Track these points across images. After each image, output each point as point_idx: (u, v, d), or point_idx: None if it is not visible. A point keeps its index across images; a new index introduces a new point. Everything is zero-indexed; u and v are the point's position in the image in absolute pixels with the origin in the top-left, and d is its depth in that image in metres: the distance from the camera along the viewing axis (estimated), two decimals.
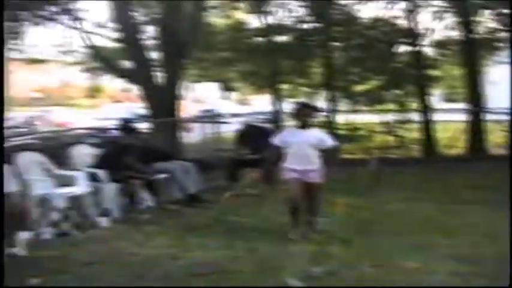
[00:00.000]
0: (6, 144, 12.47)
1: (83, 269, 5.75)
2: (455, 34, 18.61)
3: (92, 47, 14.50)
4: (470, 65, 16.94)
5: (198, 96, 38.13)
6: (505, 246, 5.78)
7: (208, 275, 5.43)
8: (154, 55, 15.64)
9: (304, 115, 6.83)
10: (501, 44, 19.31)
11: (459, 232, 6.75)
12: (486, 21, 19.50)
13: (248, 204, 8.42)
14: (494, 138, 16.46)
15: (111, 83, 42.95)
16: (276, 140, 6.94)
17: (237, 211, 8.13)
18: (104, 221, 7.87)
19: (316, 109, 7.46)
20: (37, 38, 16.53)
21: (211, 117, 17.28)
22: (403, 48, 19.03)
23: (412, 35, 17.43)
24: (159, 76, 13.71)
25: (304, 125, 6.79)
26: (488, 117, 16.33)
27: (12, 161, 7.73)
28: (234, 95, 51.57)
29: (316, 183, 6.74)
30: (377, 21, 18.64)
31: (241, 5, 20.59)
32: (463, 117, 16.09)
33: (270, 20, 19.11)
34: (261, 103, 37.00)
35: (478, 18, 18.66)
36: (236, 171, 10.14)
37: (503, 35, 18.60)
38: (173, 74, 13.58)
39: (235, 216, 7.82)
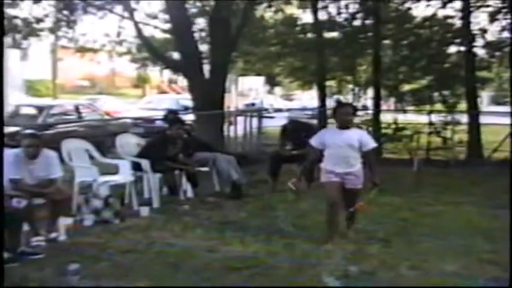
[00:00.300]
0: (53, 131, 12.83)
1: (120, 257, 5.87)
2: (509, 36, 18.25)
3: (142, 37, 14.67)
4: None
5: (243, 90, 38.22)
6: None
7: (244, 269, 5.47)
8: (203, 47, 15.76)
9: (343, 114, 6.43)
10: None
11: (500, 237, 6.64)
12: None
13: (287, 200, 8.42)
14: None
15: (158, 74, 43.50)
16: (314, 141, 6.57)
17: (275, 206, 8.16)
18: (144, 211, 7.97)
19: (355, 108, 6.98)
20: (88, 26, 16.78)
21: (255, 111, 17.30)
22: (454, 49, 18.77)
23: (464, 36, 17.14)
24: (206, 68, 13.79)
25: (344, 125, 6.41)
26: None
27: (59, 148, 7.92)
28: (279, 90, 51.63)
29: (355, 188, 6.40)
30: (429, 20, 18.42)
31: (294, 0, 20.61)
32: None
33: (321, 15, 19.06)
34: (307, 99, 37.13)
35: None
36: (278, 166, 10.14)
37: None
38: (220, 67, 13.64)
39: (273, 211, 7.84)
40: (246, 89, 38.68)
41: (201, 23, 17.92)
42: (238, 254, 6.00)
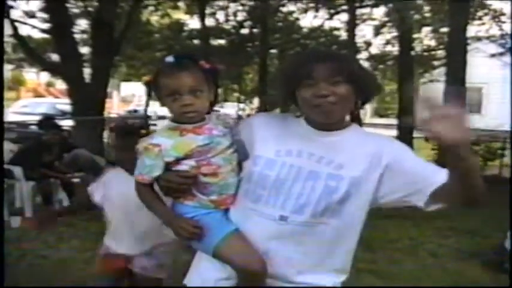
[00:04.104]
0: None
1: None
2: (393, 49, 19.13)
3: (18, 37, 14.19)
4: (404, 81, 17.38)
5: (126, 96, 37.77)
6: None
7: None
8: (84, 49, 15.46)
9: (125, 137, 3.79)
10: (437, 62, 19.98)
11: (379, 246, 6.96)
12: (424, 38, 20.20)
13: None
14: (422, 156, 16.69)
15: (35, 76, 42.23)
16: (97, 193, 3.85)
17: None
18: (15, 221, 7.73)
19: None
20: None
21: (137, 118, 17.15)
22: None
23: (349, 47, 17.80)
24: (87, 72, 13.53)
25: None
26: (417, 134, 16.47)
27: None
28: None
29: (150, 278, 3.71)
30: (316, 31, 19.00)
31: (181, 4, 20.66)
32: (393, 132, 16.44)
33: (209, 22, 19.23)
34: None
35: (417, 35, 19.26)
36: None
37: (440, 53, 19.25)
38: (102, 71, 13.41)
39: None
40: (129, 95, 38.26)
41: (82, 24, 17.62)
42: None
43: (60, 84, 29.83)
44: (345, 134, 2.31)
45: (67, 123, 13.05)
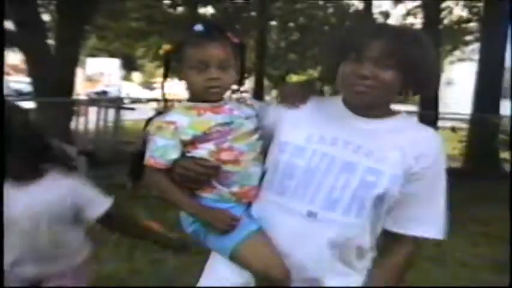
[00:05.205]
0: None
1: None
2: (415, 21, 19.15)
3: None
4: None
5: (92, 74, 37.52)
6: None
7: None
8: (46, 17, 15.42)
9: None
10: (468, 37, 19.92)
11: None
12: (453, 7, 20.10)
13: (152, 207, 8.52)
14: (449, 149, 16.28)
15: None
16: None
17: (139, 215, 8.22)
18: None
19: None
20: None
21: (112, 101, 17.18)
22: None
23: (365, 19, 17.81)
24: (51, 44, 13.49)
25: (30, 173, 3.27)
26: (442, 124, 15.72)
27: None
28: (137, 76, 51.07)
29: None
30: (325, 0, 18.98)
31: None
32: None
33: None
34: (172, 88, 36.86)
35: (445, 4, 19.17)
36: (140, 167, 10.16)
37: (472, 25, 19.16)
38: (71, 43, 13.35)
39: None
40: (96, 73, 38.06)
41: None
42: (94, 273, 6.03)
43: (12, 60, 29.71)
44: (390, 123, 2.34)
45: (28, 105, 13.06)
